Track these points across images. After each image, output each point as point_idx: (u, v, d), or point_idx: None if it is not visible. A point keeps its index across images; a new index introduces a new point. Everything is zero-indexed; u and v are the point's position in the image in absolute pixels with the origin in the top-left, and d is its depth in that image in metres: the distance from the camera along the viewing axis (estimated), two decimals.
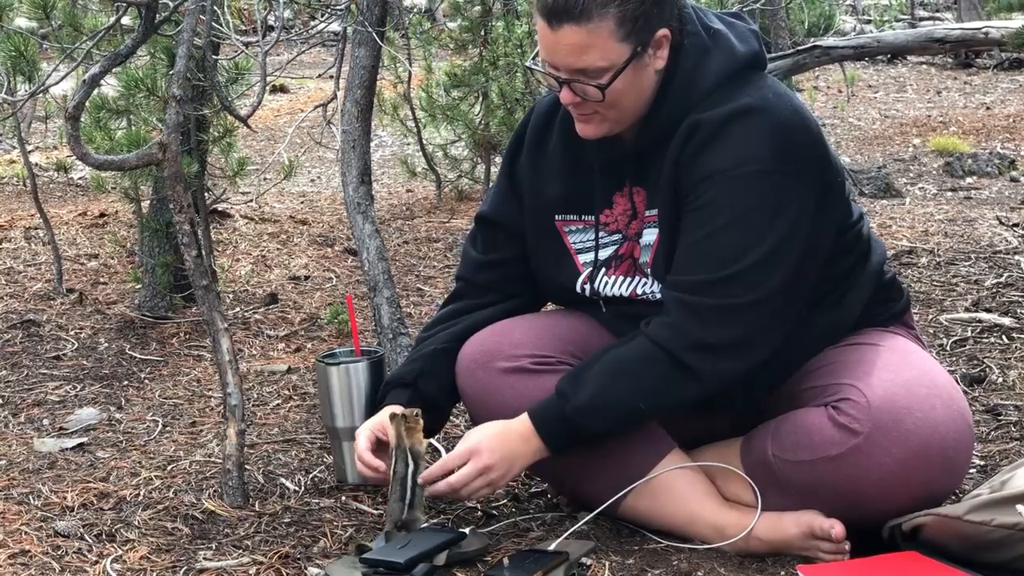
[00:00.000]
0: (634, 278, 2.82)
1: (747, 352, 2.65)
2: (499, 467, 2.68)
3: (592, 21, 2.55)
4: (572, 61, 2.60)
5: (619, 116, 2.69)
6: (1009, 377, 3.83)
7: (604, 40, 2.58)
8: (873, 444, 2.57)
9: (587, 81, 2.61)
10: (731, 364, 2.64)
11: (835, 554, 2.64)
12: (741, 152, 2.61)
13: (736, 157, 2.61)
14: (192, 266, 3.04)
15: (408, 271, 5.26)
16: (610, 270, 2.84)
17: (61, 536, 2.84)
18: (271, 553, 2.73)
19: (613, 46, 2.59)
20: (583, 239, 2.87)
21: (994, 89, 10.36)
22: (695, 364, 2.62)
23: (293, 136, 7.56)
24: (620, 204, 2.83)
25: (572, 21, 2.55)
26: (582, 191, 2.86)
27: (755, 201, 2.62)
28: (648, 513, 2.77)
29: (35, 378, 4.10)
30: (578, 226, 2.88)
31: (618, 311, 2.85)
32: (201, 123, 4.48)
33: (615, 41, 2.58)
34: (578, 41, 2.57)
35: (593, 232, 2.86)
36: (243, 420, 3.01)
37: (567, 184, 2.87)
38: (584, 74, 2.61)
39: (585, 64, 2.59)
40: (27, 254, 5.59)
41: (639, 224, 2.80)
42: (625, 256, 2.83)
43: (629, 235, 2.82)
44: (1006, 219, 5.82)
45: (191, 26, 3.13)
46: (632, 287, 2.82)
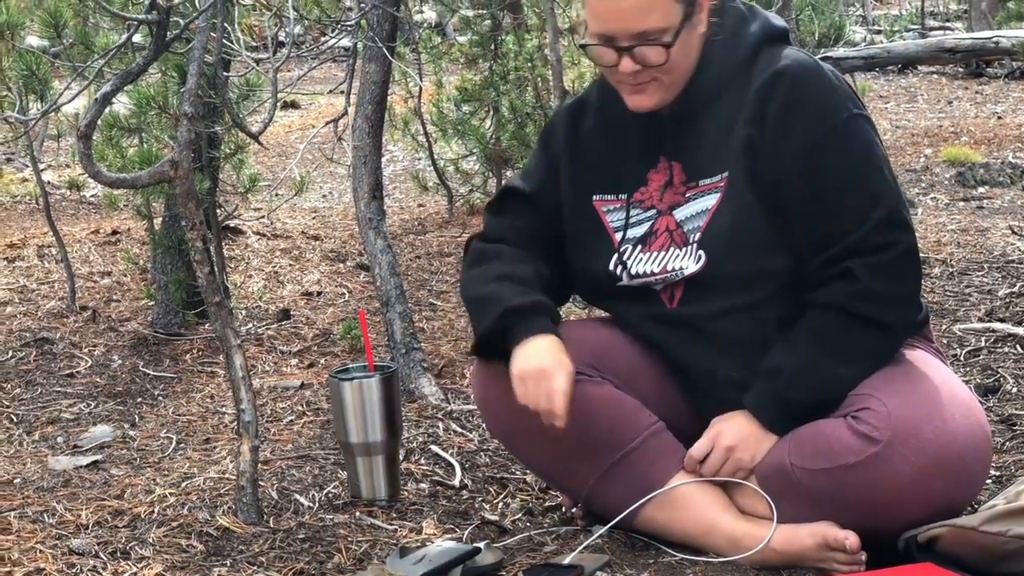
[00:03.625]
0: (668, 251, 2.81)
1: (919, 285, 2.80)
2: (742, 449, 2.73)
3: None
4: (635, 24, 2.63)
5: (673, 80, 2.73)
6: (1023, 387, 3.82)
7: (663, 0, 2.62)
8: (892, 452, 2.57)
9: (649, 43, 2.65)
10: (916, 305, 2.79)
11: (850, 565, 2.64)
12: (823, 105, 2.71)
13: (821, 112, 2.70)
14: (205, 283, 3.05)
15: (420, 286, 5.27)
16: (645, 248, 2.84)
17: (76, 554, 2.84)
18: (286, 569, 2.73)
19: (670, 5, 2.65)
20: (620, 217, 2.88)
21: (1005, 98, 10.34)
22: (892, 320, 2.71)
23: (305, 152, 7.60)
24: (655, 181, 2.85)
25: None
26: (617, 171, 2.88)
27: (859, 146, 2.72)
28: (665, 525, 2.76)
29: (49, 396, 4.11)
30: (615, 205, 2.89)
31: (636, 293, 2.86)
32: (213, 140, 4.49)
33: (672, 1, 2.64)
34: (641, 2, 2.62)
35: (633, 209, 2.87)
36: (257, 436, 3.01)
37: (603, 166, 2.89)
38: (645, 37, 2.64)
39: (648, 25, 2.63)
40: (40, 272, 5.60)
41: (678, 195, 2.81)
42: (660, 231, 2.83)
43: (662, 210, 2.83)
44: (1019, 228, 5.82)
45: (202, 43, 3.14)
46: (664, 262, 2.81)
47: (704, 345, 2.81)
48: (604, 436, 2.78)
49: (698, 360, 2.83)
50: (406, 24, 5.80)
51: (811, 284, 2.71)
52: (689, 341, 2.82)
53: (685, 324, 2.82)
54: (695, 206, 2.78)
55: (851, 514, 2.63)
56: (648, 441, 2.81)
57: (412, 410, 3.73)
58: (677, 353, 2.85)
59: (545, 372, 2.69)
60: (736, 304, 2.76)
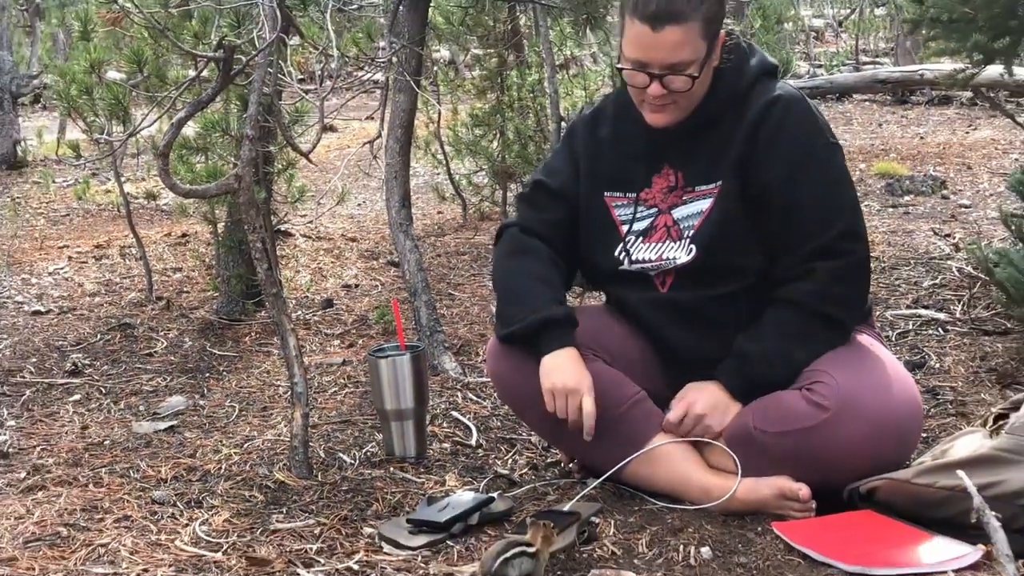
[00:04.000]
0: (664, 243, 2.81)
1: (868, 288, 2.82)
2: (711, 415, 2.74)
3: (688, 21, 2.60)
4: (668, 57, 2.63)
5: (689, 103, 2.73)
6: (945, 363, 3.82)
7: (694, 37, 2.63)
8: (840, 419, 2.58)
9: (677, 73, 2.64)
10: (864, 304, 2.80)
11: (803, 512, 2.65)
12: (807, 132, 2.74)
13: (805, 137, 2.73)
14: (263, 277, 3.05)
15: (440, 279, 5.26)
16: (646, 239, 2.84)
17: (157, 503, 2.85)
18: (332, 516, 2.73)
19: (699, 42, 2.64)
20: (626, 212, 2.87)
21: (926, 122, 10.33)
22: (843, 317, 2.74)
23: (344, 168, 7.59)
24: (659, 184, 2.84)
25: (673, 22, 2.59)
26: (627, 174, 2.87)
27: (832, 169, 2.76)
28: (648, 478, 2.77)
29: (132, 372, 4.11)
30: (623, 202, 2.88)
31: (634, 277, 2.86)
32: (268, 158, 4.49)
33: (700, 38, 2.63)
34: (677, 39, 2.61)
35: (637, 206, 2.86)
36: (307, 405, 3.01)
37: (616, 167, 2.88)
38: (675, 68, 2.64)
39: (679, 58, 2.63)
40: (123, 268, 5.60)
41: (676, 198, 2.81)
42: (659, 227, 2.82)
43: (663, 209, 2.82)
44: (939, 230, 5.81)
45: (261, 77, 3.14)
46: (660, 252, 2.81)
47: (688, 324, 2.82)
48: (597, 403, 2.77)
49: (682, 337, 2.84)
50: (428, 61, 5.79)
51: (779, 280, 2.73)
52: (676, 321, 2.83)
53: (673, 306, 2.82)
54: (691, 208, 2.78)
55: (804, 470, 2.64)
56: (632, 408, 2.81)
57: (436, 382, 3.73)
58: (664, 330, 2.86)
59: (574, 391, 2.72)
60: (718, 292, 2.78)
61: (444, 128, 6.75)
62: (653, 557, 2.48)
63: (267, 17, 3.19)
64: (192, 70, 3.53)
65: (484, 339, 4.20)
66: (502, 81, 6.58)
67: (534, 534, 2.35)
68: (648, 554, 2.50)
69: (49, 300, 5.10)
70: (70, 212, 7.44)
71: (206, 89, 3.37)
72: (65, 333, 4.58)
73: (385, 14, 4.11)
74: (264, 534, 2.64)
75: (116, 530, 2.68)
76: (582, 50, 8.83)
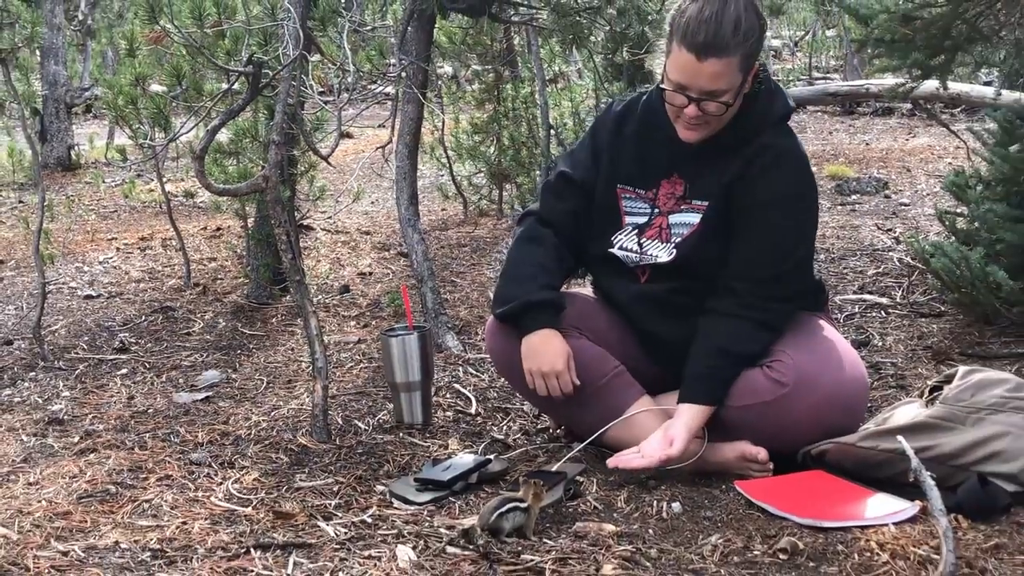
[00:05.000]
0: (653, 241, 2.80)
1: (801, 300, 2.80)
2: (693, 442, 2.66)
3: (730, 56, 2.55)
4: (708, 84, 2.57)
5: (718, 126, 2.68)
6: (887, 342, 3.82)
7: (733, 70, 2.57)
8: (796, 394, 2.58)
9: (714, 99, 2.60)
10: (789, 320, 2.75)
11: (762, 472, 2.66)
12: (795, 180, 2.70)
13: (790, 185, 2.69)
14: (288, 266, 3.04)
15: (444, 268, 5.25)
16: (641, 233, 2.82)
17: (195, 464, 2.84)
18: (349, 476, 2.73)
19: (737, 74, 2.59)
20: (631, 206, 2.85)
21: (871, 130, 10.32)
22: (777, 325, 2.71)
23: (359, 170, 7.57)
24: (664, 188, 2.80)
25: (716, 55, 2.54)
26: (641, 172, 2.83)
27: (804, 218, 2.74)
28: (625, 441, 2.76)
29: (172, 349, 4.10)
30: (631, 195, 2.85)
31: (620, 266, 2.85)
32: (292, 160, 4.48)
33: (738, 70, 2.58)
34: (718, 70, 2.55)
35: (640, 202, 2.84)
36: (326, 378, 3.01)
37: (632, 164, 2.84)
38: (713, 95, 2.59)
39: (716, 87, 2.58)
40: (164, 258, 5.59)
41: (676, 205, 2.78)
42: (655, 226, 2.80)
43: (663, 211, 2.80)
44: (882, 226, 5.81)
45: (286, 89, 3.13)
46: (647, 248, 2.80)
47: (660, 311, 2.81)
48: (581, 376, 2.78)
49: (654, 322, 2.83)
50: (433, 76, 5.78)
51: (732, 290, 2.70)
52: (651, 308, 2.83)
53: (650, 296, 2.82)
54: (684, 217, 2.76)
55: (764, 437, 2.64)
56: (613, 380, 2.82)
57: (440, 358, 3.72)
58: (640, 315, 2.85)
59: (549, 374, 2.75)
60: (684, 286, 2.77)
61: (447, 135, 6.73)
62: (630, 511, 2.49)
63: (291, 37, 3.18)
64: (225, 83, 3.51)
65: (483, 320, 4.19)
66: (498, 93, 6.56)
67: (526, 491, 2.35)
68: (626, 509, 2.50)
69: (99, 286, 5.09)
70: (118, 209, 7.42)
71: (237, 100, 3.36)
72: (113, 315, 4.57)
73: (395, 34, 4.09)
74: (289, 491, 2.64)
75: (158, 488, 2.68)
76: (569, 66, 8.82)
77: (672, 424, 2.65)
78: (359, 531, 2.39)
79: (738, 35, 2.53)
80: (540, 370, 2.76)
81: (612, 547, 2.25)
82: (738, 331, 2.67)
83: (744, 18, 2.54)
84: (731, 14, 2.53)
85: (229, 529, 2.41)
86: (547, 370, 2.75)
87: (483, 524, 2.30)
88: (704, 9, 2.54)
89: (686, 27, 2.54)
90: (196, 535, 2.38)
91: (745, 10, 2.55)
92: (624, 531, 2.35)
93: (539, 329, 2.78)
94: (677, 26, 2.57)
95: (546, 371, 2.75)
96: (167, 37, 3.51)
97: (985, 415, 2.49)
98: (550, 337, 2.77)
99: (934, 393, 2.67)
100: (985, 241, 3.82)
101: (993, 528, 2.30)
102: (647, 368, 2.86)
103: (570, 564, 2.18)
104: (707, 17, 2.53)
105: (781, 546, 2.22)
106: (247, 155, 4.60)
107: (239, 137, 4.55)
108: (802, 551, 2.21)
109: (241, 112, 3.45)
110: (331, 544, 2.31)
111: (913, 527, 2.29)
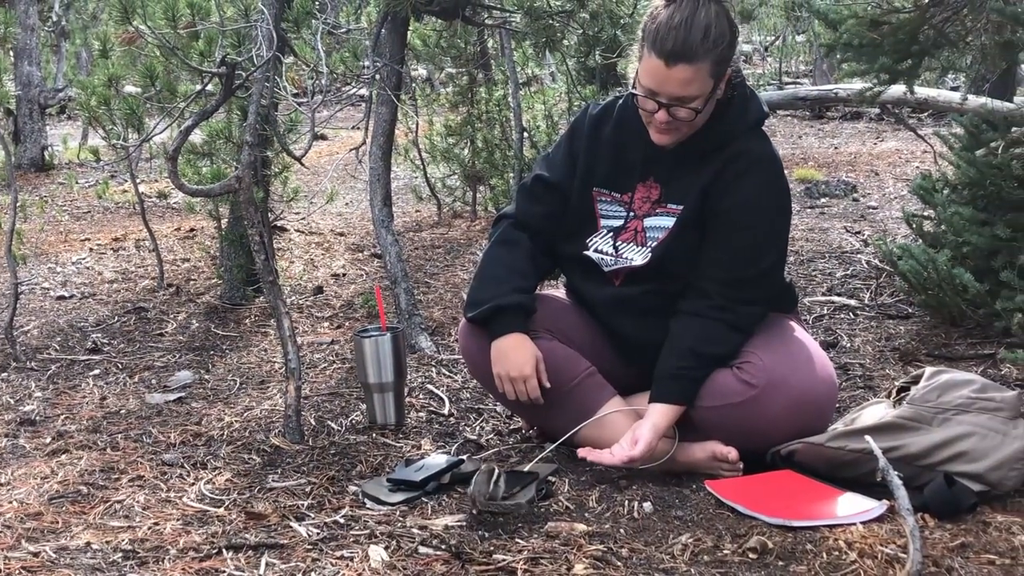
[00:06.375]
0: (628, 245, 2.79)
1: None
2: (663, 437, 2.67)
3: (700, 62, 2.53)
4: (677, 90, 2.57)
5: (690, 131, 2.67)
6: (855, 343, 3.84)
7: (703, 76, 2.56)
8: (766, 395, 2.59)
9: (683, 105, 2.59)
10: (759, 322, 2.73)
11: (732, 472, 2.66)
12: (769, 184, 2.68)
13: (764, 190, 2.67)
14: (261, 266, 3.03)
15: (418, 269, 5.24)
16: (616, 236, 2.81)
17: (167, 465, 2.82)
18: (321, 476, 2.72)
19: (707, 80, 2.57)
20: (607, 209, 2.83)
21: (840, 134, 10.38)
22: (747, 327, 2.69)
23: (333, 171, 7.55)
24: (640, 192, 2.79)
25: (686, 62, 2.53)
26: (617, 175, 2.82)
27: (777, 222, 2.72)
28: (596, 442, 2.75)
29: (145, 350, 4.07)
30: (607, 198, 2.83)
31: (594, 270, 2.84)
32: (265, 162, 4.46)
33: (708, 76, 2.57)
34: (687, 77, 2.54)
35: (615, 205, 2.83)
36: (299, 379, 3.00)
37: (609, 167, 2.82)
38: (682, 101, 2.58)
39: (686, 93, 2.57)
40: (137, 259, 5.55)
41: (651, 208, 2.77)
42: (630, 229, 2.79)
43: (639, 214, 2.79)
44: (850, 228, 5.84)
45: (259, 91, 3.12)
46: (622, 251, 2.79)
47: (633, 313, 2.81)
48: (552, 377, 2.77)
49: (629, 325, 2.83)
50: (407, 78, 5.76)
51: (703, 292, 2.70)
52: (624, 310, 2.82)
53: (622, 299, 2.81)
54: (659, 221, 2.75)
55: (734, 437, 2.65)
56: (584, 381, 2.81)
57: (413, 359, 3.71)
58: (615, 319, 2.85)
59: (518, 378, 2.75)
60: (658, 288, 2.76)
61: (421, 137, 6.72)
62: (602, 511, 2.48)
63: (265, 38, 3.17)
64: (198, 84, 3.48)
65: (456, 321, 4.18)
66: (472, 96, 6.56)
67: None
68: (598, 508, 2.50)
69: (72, 286, 5.05)
70: (91, 209, 7.36)
71: (211, 101, 3.34)
72: (86, 315, 4.53)
73: (369, 36, 4.08)
74: (261, 492, 2.62)
75: (130, 488, 2.66)
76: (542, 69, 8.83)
77: (639, 424, 2.65)
78: (331, 531, 2.37)
79: (707, 42, 2.53)
80: (509, 375, 2.76)
81: (584, 547, 2.25)
82: (708, 332, 2.67)
83: (714, 25, 2.54)
84: (701, 21, 2.53)
85: (201, 530, 2.39)
86: (515, 375, 2.75)
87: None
88: (675, 15, 2.54)
89: (656, 33, 2.54)
90: (168, 536, 2.36)
91: (716, 16, 2.55)
92: (595, 531, 2.34)
93: (509, 333, 2.77)
94: (648, 32, 2.57)
95: (515, 376, 2.75)
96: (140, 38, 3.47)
97: (951, 415, 2.51)
98: (519, 341, 2.77)
99: (901, 394, 2.68)
100: (952, 244, 3.85)
101: (959, 527, 2.31)
102: (619, 369, 2.86)
103: (542, 564, 2.17)
104: (677, 24, 2.53)
105: (751, 545, 2.23)
106: (221, 156, 4.57)
107: (213, 138, 4.52)
108: (771, 550, 2.21)
109: (214, 113, 3.43)
110: (303, 544, 2.29)
111: (881, 526, 2.30)
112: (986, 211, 3.81)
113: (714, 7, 2.56)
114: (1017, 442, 2.46)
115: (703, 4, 2.55)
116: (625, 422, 2.74)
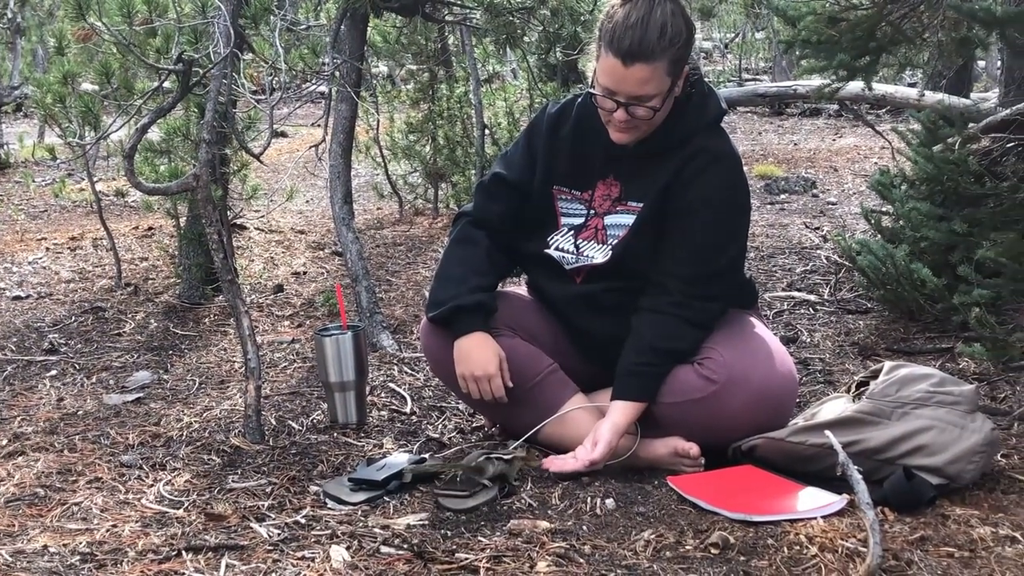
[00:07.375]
0: (589, 243, 2.79)
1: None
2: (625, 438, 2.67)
3: (656, 61, 2.54)
4: (635, 90, 2.57)
5: (649, 129, 2.67)
6: (815, 338, 3.87)
7: (660, 75, 2.56)
8: (727, 391, 2.59)
9: (641, 104, 2.59)
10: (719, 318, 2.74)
11: (693, 468, 2.66)
12: (728, 182, 2.68)
13: (723, 187, 2.67)
14: (220, 265, 3.00)
15: (379, 267, 5.22)
16: (577, 234, 2.81)
17: (125, 466, 2.79)
18: (282, 476, 2.69)
19: (664, 79, 2.57)
20: (567, 207, 2.83)
21: (799, 131, 10.45)
22: (707, 323, 2.70)
23: (293, 169, 7.50)
24: (600, 189, 2.79)
25: (643, 61, 2.53)
26: (577, 173, 2.82)
27: (736, 219, 2.73)
28: (561, 438, 2.76)
29: (103, 350, 4.03)
30: (567, 196, 2.83)
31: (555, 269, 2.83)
32: (224, 159, 4.42)
33: (665, 75, 2.57)
34: (644, 76, 2.55)
35: (575, 203, 2.82)
36: (260, 378, 2.97)
37: (569, 165, 2.82)
38: (640, 100, 2.58)
39: (644, 92, 2.57)
40: (94, 258, 5.49)
41: (611, 206, 2.77)
42: (591, 227, 2.79)
43: (599, 212, 2.78)
44: (810, 224, 5.89)
45: (217, 87, 3.09)
46: (583, 249, 2.79)
47: (594, 310, 2.81)
48: (514, 375, 2.77)
49: (591, 322, 2.83)
50: (367, 75, 5.74)
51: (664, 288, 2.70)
52: (586, 307, 2.82)
53: (584, 296, 2.81)
54: (619, 219, 2.75)
55: (695, 433, 2.65)
56: (547, 378, 2.81)
57: (375, 357, 3.70)
58: (577, 317, 2.85)
59: (482, 378, 2.75)
60: (619, 286, 2.76)
61: (382, 134, 6.70)
62: (564, 508, 2.48)
63: (222, 35, 3.14)
64: (155, 81, 3.45)
65: (418, 319, 4.17)
66: (433, 93, 6.54)
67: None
68: (560, 505, 2.49)
69: (28, 286, 4.98)
70: (48, 208, 7.27)
71: (168, 98, 3.31)
72: (43, 316, 4.48)
73: (328, 33, 4.05)
74: (221, 492, 2.60)
75: (88, 490, 2.62)
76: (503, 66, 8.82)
77: (599, 425, 2.65)
78: (292, 532, 2.35)
79: (663, 40, 2.54)
80: (472, 374, 2.75)
81: (546, 544, 2.24)
82: (668, 328, 2.67)
83: (671, 23, 2.55)
84: (657, 19, 2.54)
85: (160, 531, 2.36)
86: (479, 374, 2.74)
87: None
88: (631, 15, 2.54)
89: (613, 32, 2.55)
90: (126, 538, 2.33)
91: (672, 15, 2.56)
92: (558, 528, 2.34)
93: (470, 332, 2.77)
94: (605, 31, 2.57)
95: (478, 375, 2.74)
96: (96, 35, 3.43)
97: (910, 409, 2.52)
98: (482, 341, 2.76)
99: (861, 388, 2.70)
100: (909, 239, 3.88)
101: (919, 520, 2.33)
102: (581, 366, 2.86)
103: (504, 562, 2.16)
104: (633, 23, 2.53)
105: (712, 541, 2.23)
106: (178, 154, 4.53)
107: (170, 136, 4.48)
108: (733, 545, 2.22)
109: (172, 110, 3.39)
110: (264, 545, 2.27)
111: (841, 520, 2.31)
112: (943, 206, 3.85)
113: (669, 5, 2.57)
114: (975, 435, 2.49)
115: (659, 3, 2.56)
116: (588, 419, 2.74)
